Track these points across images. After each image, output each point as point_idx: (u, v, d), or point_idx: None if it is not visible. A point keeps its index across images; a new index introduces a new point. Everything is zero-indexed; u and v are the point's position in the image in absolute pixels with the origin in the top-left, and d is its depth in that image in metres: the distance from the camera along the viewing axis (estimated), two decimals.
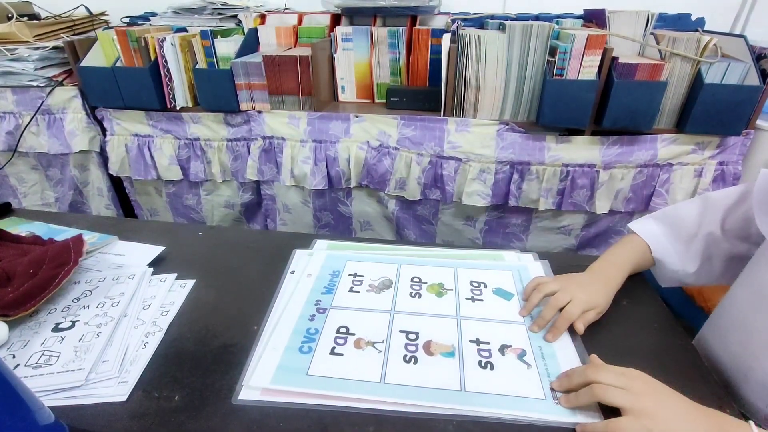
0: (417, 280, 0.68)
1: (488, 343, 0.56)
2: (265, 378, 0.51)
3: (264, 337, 0.57)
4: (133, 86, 1.27)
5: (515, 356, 0.54)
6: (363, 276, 0.69)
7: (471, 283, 0.67)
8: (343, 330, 0.58)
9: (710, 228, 0.63)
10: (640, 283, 0.68)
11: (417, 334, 0.57)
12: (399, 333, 0.58)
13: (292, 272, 0.69)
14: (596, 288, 0.60)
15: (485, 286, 0.66)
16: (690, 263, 0.65)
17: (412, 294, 0.65)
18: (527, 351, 0.55)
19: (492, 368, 0.52)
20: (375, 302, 0.63)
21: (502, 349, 0.55)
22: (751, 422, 0.42)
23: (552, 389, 0.50)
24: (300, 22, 1.36)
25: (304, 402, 0.49)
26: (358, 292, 0.65)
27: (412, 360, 0.53)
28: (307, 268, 0.70)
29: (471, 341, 0.56)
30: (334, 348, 0.55)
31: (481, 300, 0.64)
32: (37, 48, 1.31)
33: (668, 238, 0.66)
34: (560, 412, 0.47)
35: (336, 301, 0.63)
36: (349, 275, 0.69)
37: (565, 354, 0.55)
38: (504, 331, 0.58)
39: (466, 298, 0.64)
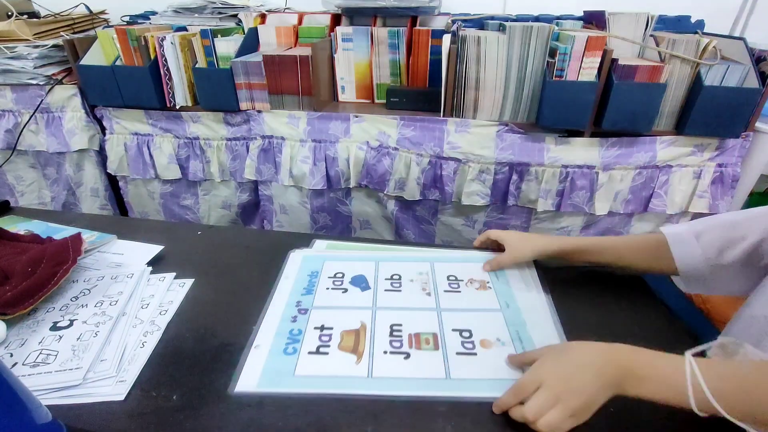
0: (397, 277, 0.69)
1: (469, 331, 0.58)
2: (251, 382, 0.51)
3: (251, 340, 0.57)
4: (132, 85, 1.27)
5: (494, 341, 0.57)
6: (342, 275, 0.69)
7: (448, 277, 0.69)
8: (327, 329, 0.59)
9: (755, 237, 0.57)
10: (641, 285, 0.69)
11: (400, 326, 0.59)
12: (382, 327, 0.59)
13: (287, 278, 0.69)
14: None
15: (461, 279, 0.69)
16: (710, 249, 0.60)
17: (392, 289, 0.66)
18: (506, 336, 0.58)
19: (474, 355, 0.55)
20: (356, 300, 0.64)
21: (482, 336, 0.58)
22: (687, 353, 0.42)
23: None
24: (300, 21, 1.36)
25: (299, 392, 0.50)
26: (338, 290, 0.66)
27: (397, 353, 0.55)
28: (284, 271, 0.70)
29: (453, 330, 0.59)
30: (319, 347, 0.56)
31: (459, 291, 0.66)
32: (37, 46, 1.31)
33: (694, 230, 0.62)
34: None
35: (317, 302, 0.64)
36: (328, 277, 0.69)
37: (544, 337, 0.57)
38: (482, 319, 0.61)
39: (445, 291, 0.66)
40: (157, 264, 0.71)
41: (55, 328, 0.57)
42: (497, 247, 0.74)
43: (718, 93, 1.04)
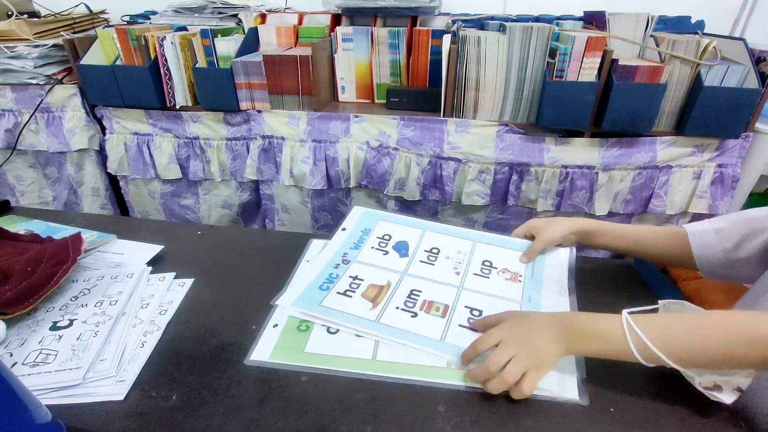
0: (436, 251, 0.73)
1: (480, 311, 0.61)
2: (289, 300, 0.61)
3: (298, 270, 0.68)
4: (132, 85, 1.27)
5: None
6: (389, 238, 0.75)
7: (483, 262, 0.71)
8: (358, 279, 0.66)
9: None
10: (640, 286, 0.69)
11: (419, 292, 0.64)
12: (404, 289, 0.65)
13: (308, 261, 0.72)
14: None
15: (495, 267, 0.70)
16: (729, 241, 0.60)
17: (427, 262, 0.71)
18: None
19: (474, 331, 0.57)
20: (392, 263, 0.70)
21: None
22: (624, 312, 0.47)
23: None
24: (300, 21, 1.36)
25: (321, 317, 0.57)
26: (380, 251, 0.73)
27: (407, 311, 0.60)
28: (344, 223, 0.78)
29: (466, 306, 0.62)
30: (346, 290, 0.64)
31: (487, 278, 0.68)
32: (37, 46, 1.31)
33: (714, 226, 0.62)
34: None
35: (360, 257, 0.71)
36: (377, 237, 0.76)
37: None
38: (498, 305, 0.62)
39: (474, 274, 0.69)
40: (157, 264, 0.71)
41: (54, 327, 0.57)
42: (530, 237, 0.74)
43: (718, 93, 1.04)
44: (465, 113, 1.18)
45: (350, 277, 0.66)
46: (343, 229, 0.76)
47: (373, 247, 0.73)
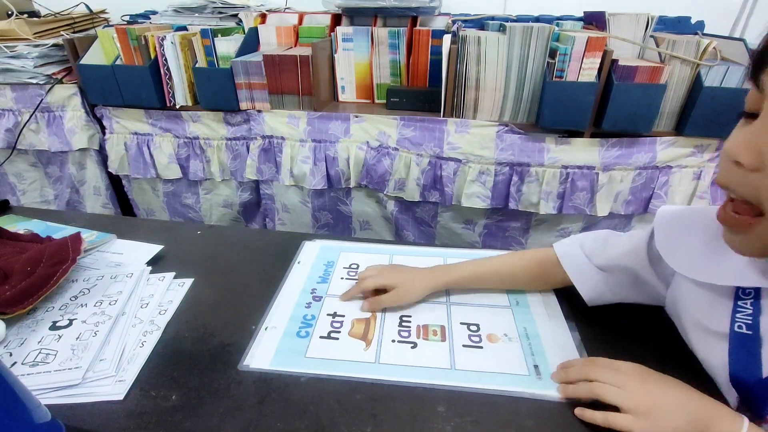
0: None
1: (477, 325, 0.59)
2: (264, 361, 0.53)
3: (263, 323, 0.59)
4: (132, 84, 1.27)
5: (501, 336, 0.58)
6: (357, 266, 0.72)
7: None
8: (339, 316, 0.61)
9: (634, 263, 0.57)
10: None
11: (410, 318, 0.61)
12: (392, 317, 0.61)
13: (299, 263, 0.72)
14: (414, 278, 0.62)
15: None
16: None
17: None
18: (513, 332, 0.58)
19: (480, 348, 0.56)
20: None
21: (489, 331, 0.59)
22: (745, 418, 0.42)
23: (535, 366, 0.53)
24: (300, 21, 1.36)
25: (309, 372, 0.52)
26: (352, 281, 0.68)
27: (405, 342, 0.56)
28: (299, 258, 0.73)
29: (462, 323, 0.60)
30: (330, 332, 0.58)
31: None
32: (37, 45, 1.31)
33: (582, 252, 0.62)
34: (542, 386, 0.50)
35: (331, 290, 0.66)
36: (344, 267, 0.71)
37: (553, 335, 0.58)
38: (490, 314, 0.62)
39: None
40: (156, 263, 0.71)
41: (54, 327, 0.57)
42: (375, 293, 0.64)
43: (717, 94, 1.04)
44: (465, 113, 1.18)
45: (328, 315, 0.61)
46: (299, 263, 0.71)
47: (342, 278, 0.68)
